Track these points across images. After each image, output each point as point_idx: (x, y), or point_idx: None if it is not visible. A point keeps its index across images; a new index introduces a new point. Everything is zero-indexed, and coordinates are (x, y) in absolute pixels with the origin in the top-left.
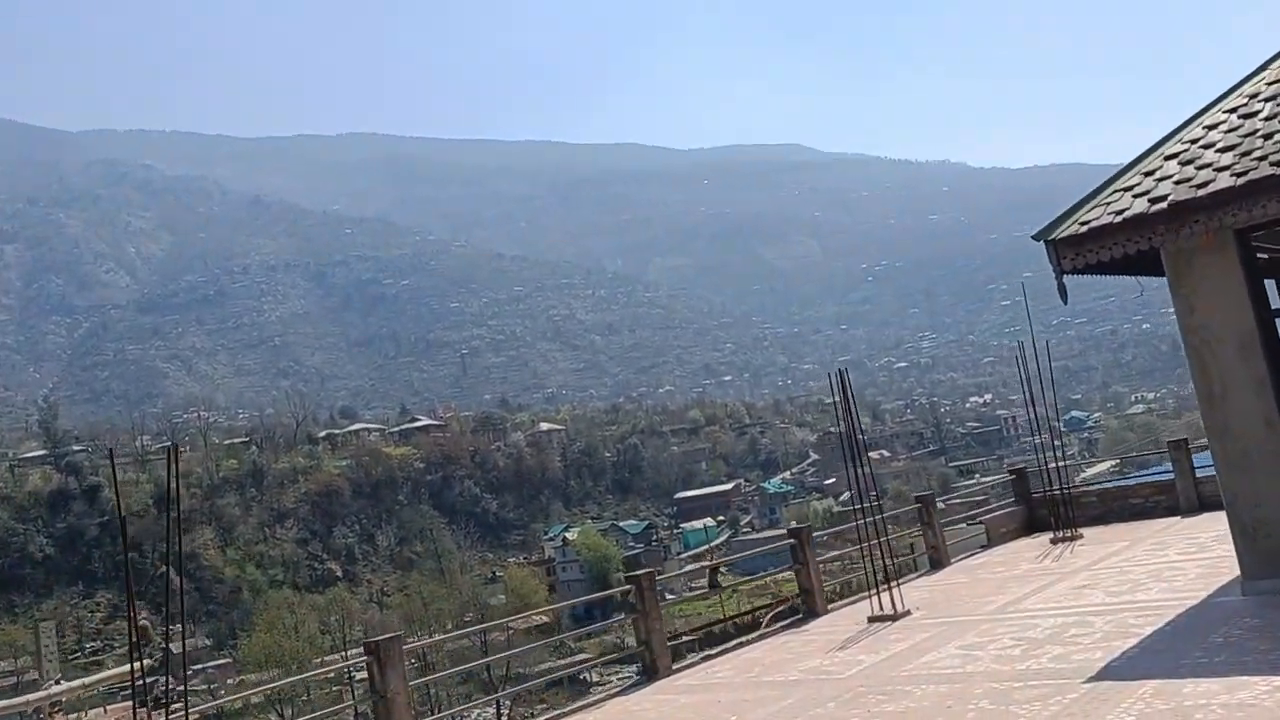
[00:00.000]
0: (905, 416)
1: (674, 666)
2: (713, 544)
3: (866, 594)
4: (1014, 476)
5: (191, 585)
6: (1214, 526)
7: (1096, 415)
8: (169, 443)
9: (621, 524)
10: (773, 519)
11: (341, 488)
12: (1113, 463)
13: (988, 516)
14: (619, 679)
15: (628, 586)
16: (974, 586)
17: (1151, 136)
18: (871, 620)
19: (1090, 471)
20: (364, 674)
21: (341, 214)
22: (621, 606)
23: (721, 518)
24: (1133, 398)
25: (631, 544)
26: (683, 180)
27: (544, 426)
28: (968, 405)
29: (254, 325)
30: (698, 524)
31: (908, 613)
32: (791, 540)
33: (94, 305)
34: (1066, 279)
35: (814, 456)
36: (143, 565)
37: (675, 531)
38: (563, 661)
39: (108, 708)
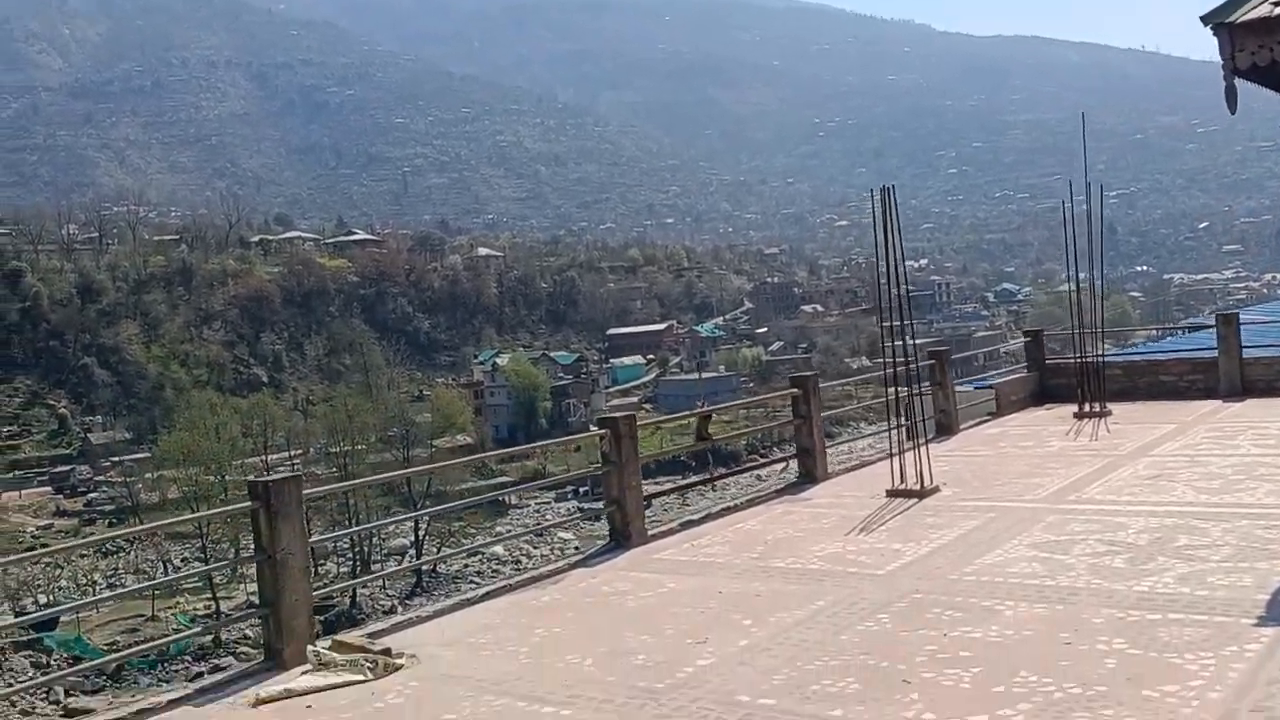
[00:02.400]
0: (841, 274)
1: (649, 532)
2: (640, 380)
3: (872, 458)
4: (1028, 339)
5: (113, 378)
6: (1272, 415)
7: (1027, 290)
8: (96, 233)
9: (553, 354)
10: (702, 362)
11: (272, 294)
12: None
13: (998, 381)
14: (573, 535)
15: (602, 430)
16: (1003, 462)
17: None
18: (891, 494)
19: (1015, 344)
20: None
21: (287, 14)
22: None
23: (651, 356)
24: (1063, 275)
25: (561, 374)
26: (642, 13)
27: (482, 251)
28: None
29: (191, 122)
30: (628, 360)
31: (936, 489)
32: (794, 390)
33: (23, 85)
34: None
35: (748, 305)
36: (64, 354)
37: (605, 366)
38: (484, 483)
39: (22, 492)
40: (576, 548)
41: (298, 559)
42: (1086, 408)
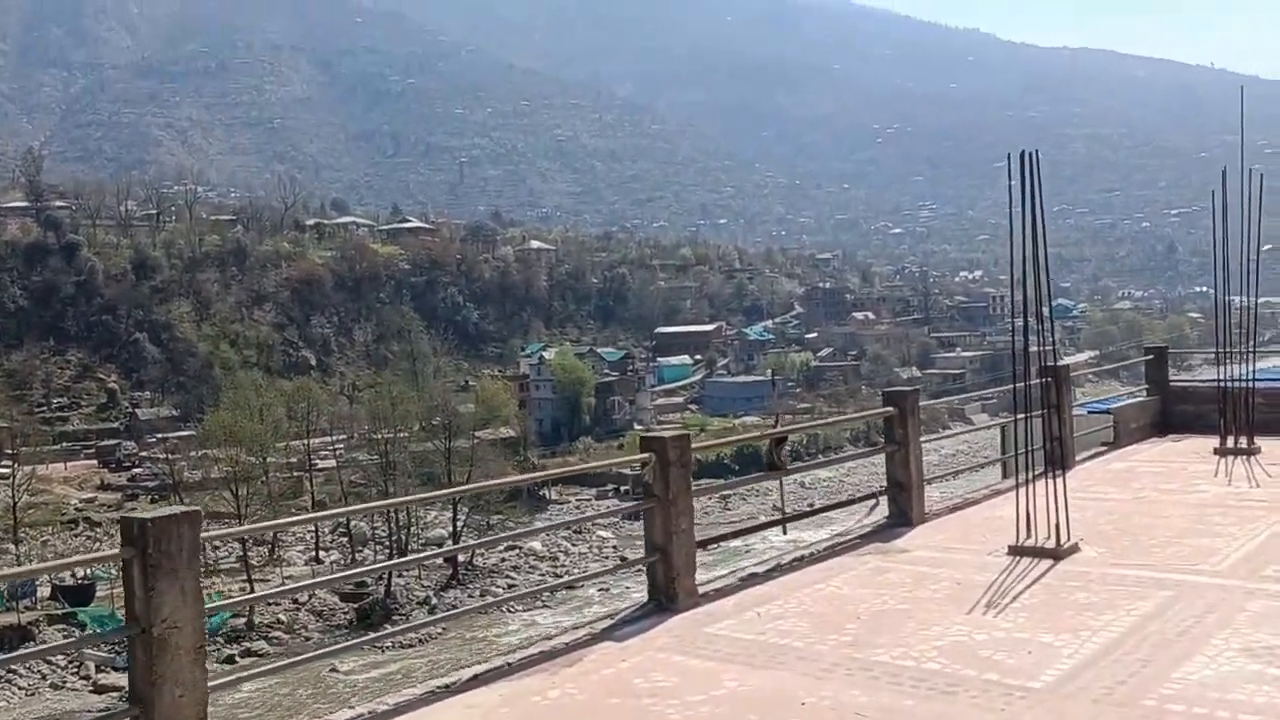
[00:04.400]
0: (894, 282)
1: (700, 588)
2: (687, 380)
3: (977, 495)
4: (1151, 357)
5: (163, 355)
6: None
7: (1083, 306)
8: (154, 210)
9: (600, 350)
10: (749, 364)
11: (324, 278)
12: (1092, 353)
13: (1117, 406)
14: (612, 534)
15: (644, 455)
16: (1149, 511)
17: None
18: (1015, 552)
19: (1067, 360)
20: (327, 461)
21: (353, 1)
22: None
23: (699, 357)
24: (1120, 293)
25: (607, 371)
26: (705, 13)
27: (534, 244)
28: (957, 279)
29: (253, 104)
30: (675, 360)
31: (1074, 547)
32: (889, 409)
33: (91, 62)
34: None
35: (798, 309)
36: (116, 329)
37: (652, 364)
38: (523, 477)
39: (68, 464)
40: (604, 609)
41: (187, 636)
42: (1230, 442)
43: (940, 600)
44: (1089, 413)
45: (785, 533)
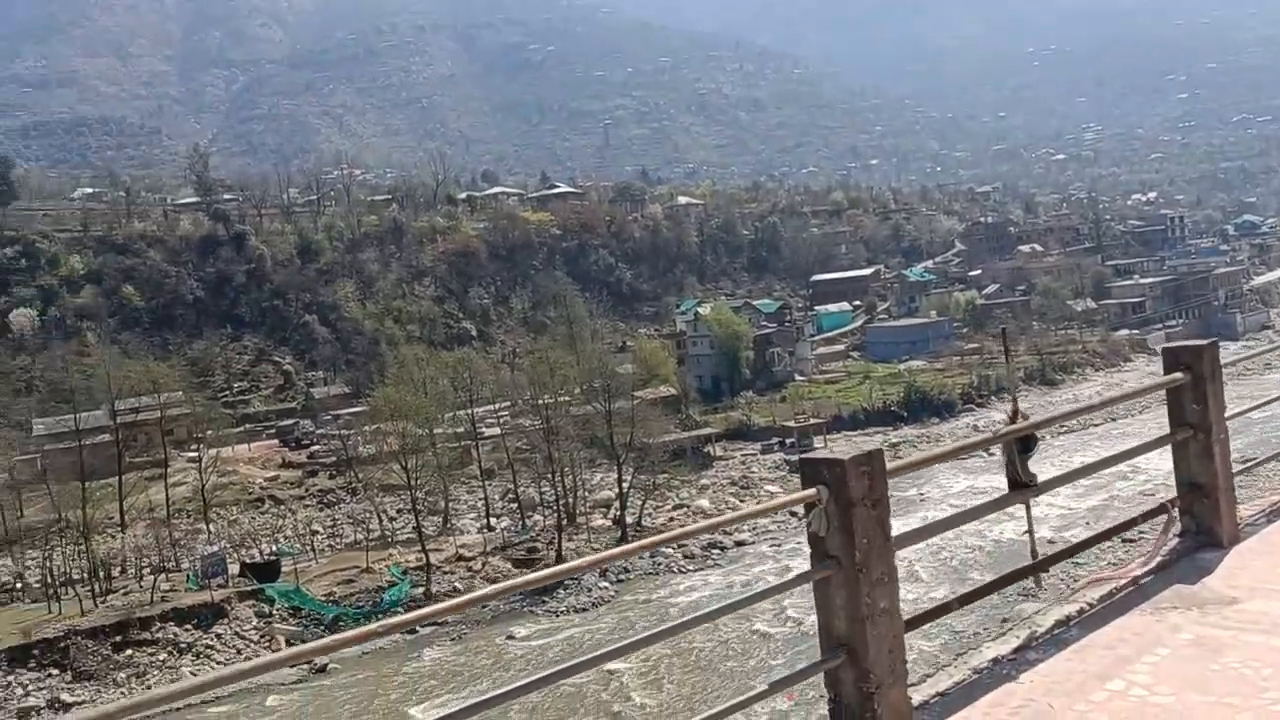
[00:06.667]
0: (1060, 211)
1: (916, 693)
2: (847, 328)
3: None
4: None
5: (332, 335)
6: None
7: (1272, 221)
8: (314, 196)
9: (755, 302)
10: (911, 308)
11: (479, 249)
12: None
13: None
14: (780, 488)
15: (807, 494)
16: None
17: None
18: None
19: (1260, 280)
20: (492, 430)
21: None
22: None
23: (858, 302)
24: None
25: (764, 323)
26: None
27: (682, 200)
28: (1129, 202)
29: (402, 86)
30: (833, 307)
31: None
32: (1176, 375)
33: (249, 59)
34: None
35: (959, 247)
36: (286, 313)
37: (810, 313)
38: (686, 434)
39: (251, 445)
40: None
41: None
42: None
43: None
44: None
45: (1040, 585)
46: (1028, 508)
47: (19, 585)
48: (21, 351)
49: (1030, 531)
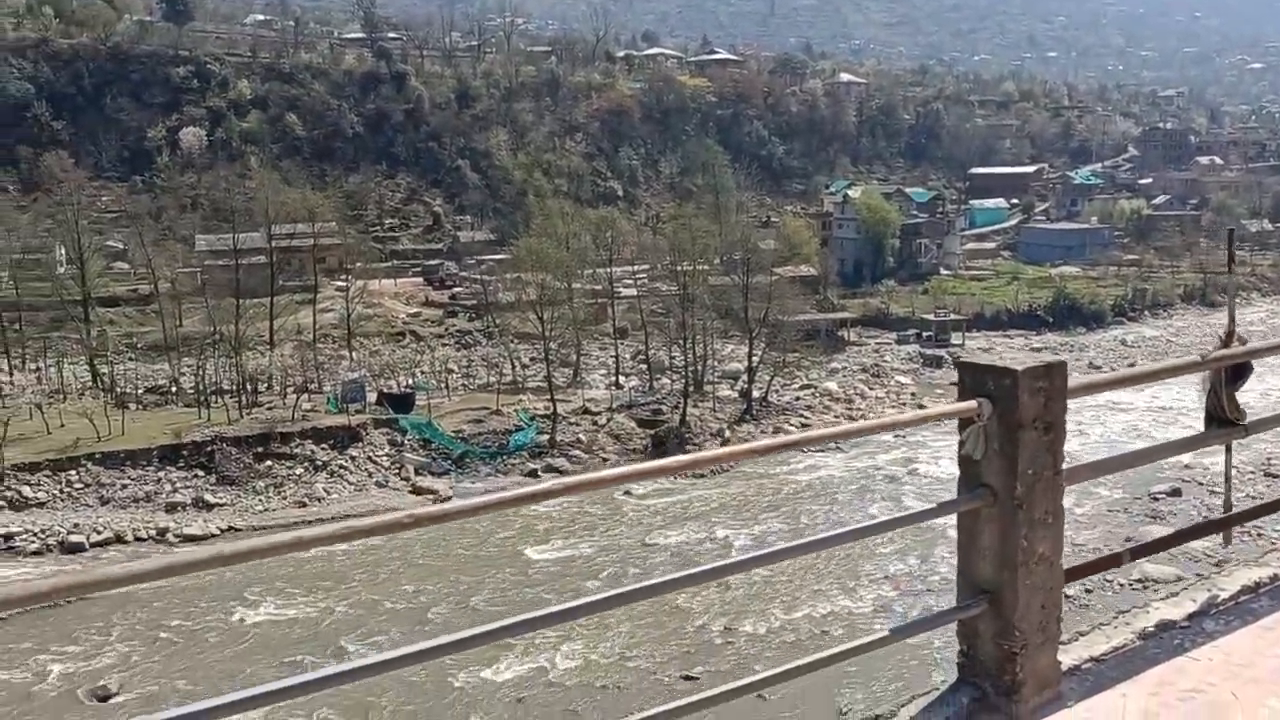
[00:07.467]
0: (1248, 123)
1: (1066, 659)
2: (1001, 225)
3: None
4: None
5: (482, 181)
6: None
7: None
8: (476, 41)
9: (908, 190)
10: (1072, 211)
11: (632, 109)
12: None
13: None
14: (911, 380)
15: (967, 405)
16: None
17: None
18: None
19: None
20: (629, 290)
21: None
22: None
23: (1016, 200)
24: None
25: (914, 212)
26: None
27: (844, 77)
28: None
29: None
30: (989, 202)
31: None
32: None
33: None
34: None
35: (1132, 152)
36: (440, 155)
37: (963, 207)
38: (822, 316)
39: (397, 281)
40: (898, 455)
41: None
42: None
43: None
44: None
45: (1227, 542)
46: (1228, 450)
47: (174, 389)
48: (189, 169)
49: (1227, 479)
